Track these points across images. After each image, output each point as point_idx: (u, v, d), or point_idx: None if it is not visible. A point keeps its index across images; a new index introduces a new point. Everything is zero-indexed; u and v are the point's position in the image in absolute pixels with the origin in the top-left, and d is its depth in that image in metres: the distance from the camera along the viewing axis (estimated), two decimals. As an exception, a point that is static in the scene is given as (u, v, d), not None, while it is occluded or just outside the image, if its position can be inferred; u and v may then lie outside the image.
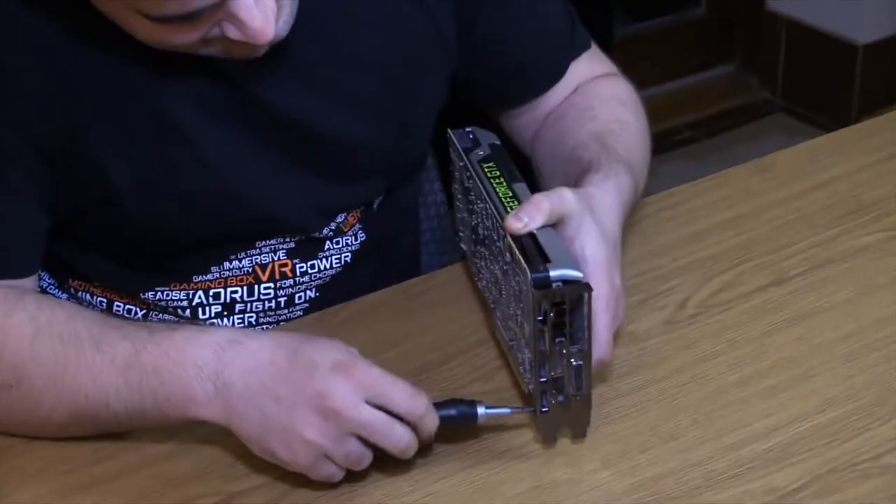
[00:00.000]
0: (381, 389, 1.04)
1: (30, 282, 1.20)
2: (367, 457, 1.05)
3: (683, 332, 1.25)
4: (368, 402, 1.03)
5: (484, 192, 1.16)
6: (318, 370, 1.04)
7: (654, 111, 1.40)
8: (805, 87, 3.30)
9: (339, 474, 1.06)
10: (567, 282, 1.03)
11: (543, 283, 1.03)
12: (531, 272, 1.03)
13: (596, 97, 1.34)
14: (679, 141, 3.19)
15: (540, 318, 1.04)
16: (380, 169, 1.30)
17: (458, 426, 1.10)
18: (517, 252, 1.06)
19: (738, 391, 1.17)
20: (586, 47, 1.38)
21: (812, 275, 1.31)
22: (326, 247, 1.30)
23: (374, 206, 1.32)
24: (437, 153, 1.52)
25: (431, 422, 1.06)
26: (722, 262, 1.34)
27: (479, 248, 1.22)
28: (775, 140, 3.12)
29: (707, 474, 1.08)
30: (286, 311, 1.31)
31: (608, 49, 2.97)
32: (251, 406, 1.05)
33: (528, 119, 1.37)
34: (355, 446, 1.04)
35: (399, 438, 1.04)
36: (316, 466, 1.05)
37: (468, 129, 1.26)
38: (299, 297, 1.31)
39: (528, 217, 1.07)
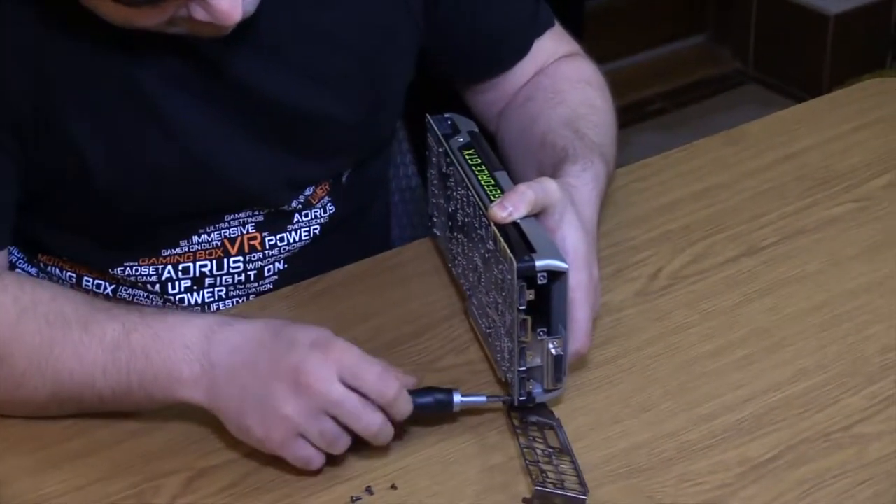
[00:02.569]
0: (355, 369, 1.04)
1: (1, 257, 1.19)
2: (343, 439, 1.05)
3: (656, 303, 1.25)
4: (342, 381, 1.03)
5: (465, 179, 1.16)
6: (297, 346, 1.04)
7: (626, 82, 1.40)
8: (777, 57, 3.30)
9: (316, 457, 1.05)
10: (552, 272, 1.04)
11: (529, 273, 1.03)
12: (517, 261, 1.03)
13: (563, 80, 1.34)
14: (651, 112, 3.19)
15: (522, 307, 1.04)
16: (349, 143, 1.30)
17: (434, 414, 1.10)
18: (502, 241, 1.06)
19: (711, 362, 1.17)
20: (550, 25, 1.38)
21: (783, 245, 1.32)
22: (295, 219, 1.30)
23: (343, 180, 1.32)
24: (409, 126, 1.52)
25: (404, 406, 1.06)
26: (694, 233, 1.34)
27: (456, 234, 1.21)
28: (747, 110, 3.12)
29: (680, 445, 1.08)
30: (256, 284, 1.31)
31: (580, 19, 2.97)
32: (231, 382, 1.05)
33: (494, 96, 1.37)
34: (329, 425, 1.04)
35: (370, 422, 1.04)
36: (290, 445, 1.05)
37: (446, 116, 1.26)
38: (269, 270, 1.31)
39: (513, 206, 1.08)
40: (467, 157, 1.18)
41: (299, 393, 1.03)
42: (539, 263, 1.03)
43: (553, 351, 1.06)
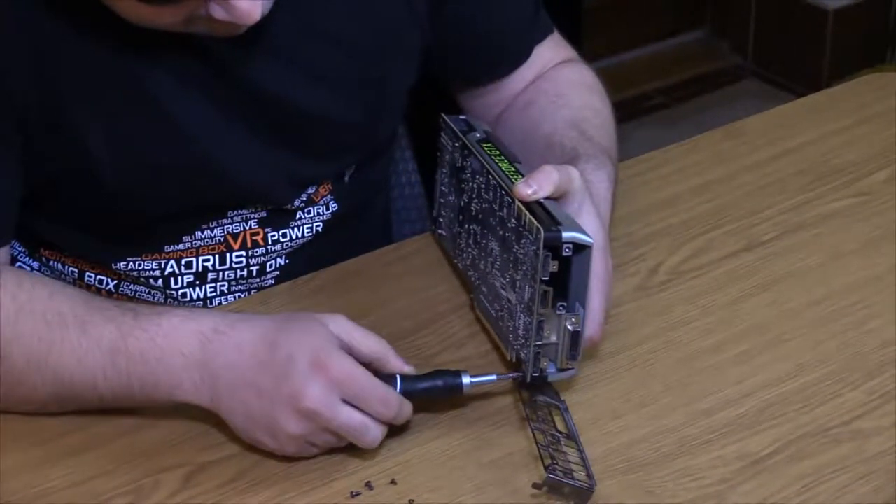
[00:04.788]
0: (357, 391, 1.05)
1: (2, 253, 1.19)
2: (347, 441, 1.07)
3: (655, 298, 1.25)
4: (344, 401, 1.04)
5: (485, 165, 1.17)
6: (296, 367, 1.04)
7: (625, 77, 1.40)
8: (776, 52, 3.30)
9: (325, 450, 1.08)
10: (576, 245, 1.05)
11: (555, 242, 1.04)
12: (544, 230, 1.04)
13: (565, 84, 1.35)
14: (650, 106, 3.19)
15: (545, 278, 1.05)
16: (352, 144, 1.30)
17: (443, 398, 1.10)
18: (528, 214, 1.07)
19: (711, 357, 1.17)
20: (550, 32, 1.39)
21: (783, 240, 1.32)
22: (298, 216, 1.30)
23: (346, 178, 1.32)
24: (409, 127, 1.52)
25: (404, 415, 1.08)
26: (693, 228, 1.34)
27: (468, 226, 1.22)
28: (746, 105, 3.12)
29: (680, 440, 1.09)
30: (258, 279, 1.31)
31: (579, 14, 2.97)
32: (235, 399, 1.06)
33: (491, 101, 1.38)
34: (333, 437, 1.06)
35: (373, 439, 1.06)
36: (303, 452, 1.07)
37: (462, 117, 1.29)
38: (270, 266, 1.31)
39: (538, 185, 1.09)
40: (486, 148, 1.20)
41: (303, 417, 1.04)
42: (566, 234, 1.05)
43: (570, 327, 1.07)
